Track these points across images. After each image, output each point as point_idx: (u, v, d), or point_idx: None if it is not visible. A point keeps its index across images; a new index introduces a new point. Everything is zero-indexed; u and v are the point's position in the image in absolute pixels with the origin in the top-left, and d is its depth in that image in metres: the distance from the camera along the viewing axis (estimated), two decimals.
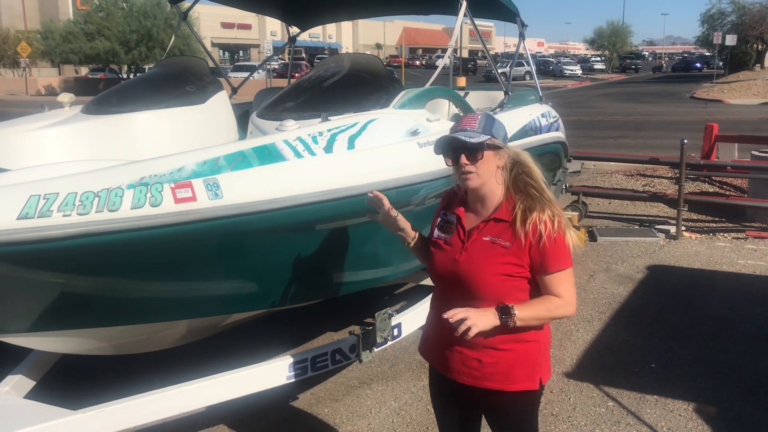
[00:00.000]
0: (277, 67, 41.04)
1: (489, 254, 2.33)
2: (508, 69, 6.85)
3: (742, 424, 4.03)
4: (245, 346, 4.79)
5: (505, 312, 2.27)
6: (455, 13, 4.98)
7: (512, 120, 5.26)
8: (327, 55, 60.27)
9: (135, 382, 3.53)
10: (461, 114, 5.08)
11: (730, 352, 4.96)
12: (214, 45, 68.26)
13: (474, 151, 2.33)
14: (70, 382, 4.10)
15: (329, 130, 3.55)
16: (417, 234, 2.70)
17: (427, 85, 4.57)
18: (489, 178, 2.36)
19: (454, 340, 2.32)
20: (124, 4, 35.99)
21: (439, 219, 2.55)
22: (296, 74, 43.49)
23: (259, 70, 37.28)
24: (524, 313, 2.29)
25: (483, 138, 2.32)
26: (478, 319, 2.21)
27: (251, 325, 4.43)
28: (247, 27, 76.19)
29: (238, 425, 4.03)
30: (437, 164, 3.82)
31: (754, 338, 5.20)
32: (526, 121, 5.50)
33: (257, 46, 71.53)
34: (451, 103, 5.27)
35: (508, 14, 6.22)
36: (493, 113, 5.52)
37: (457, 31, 4.86)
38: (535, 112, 5.79)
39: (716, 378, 4.58)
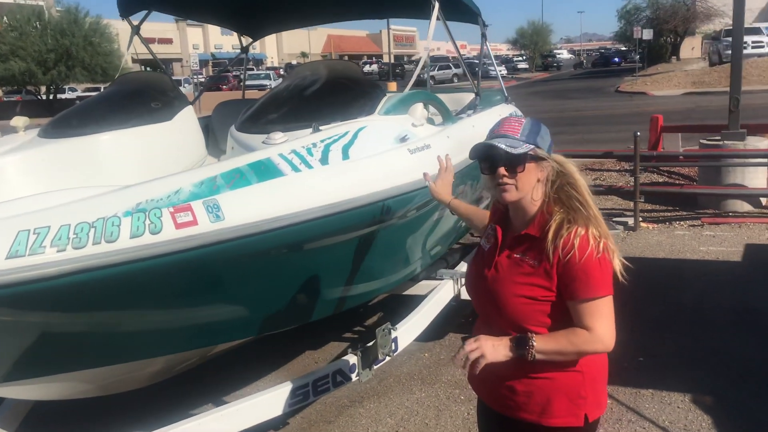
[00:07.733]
0: (203, 80, 40.17)
1: (515, 273, 2.08)
2: (477, 70, 6.76)
3: (740, 410, 4.04)
4: (225, 373, 4.55)
5: (521, 343, 2.01)
6: (421, 16, 4.90)
7: (487, 121, 5.20)
8: (252, 66, 59.28)
9: (123, 422, 3.27)
10: (433, 118, 4.98)
11: (713, 340, 5.00)
12: (134, 61, 66.43)
13: (514, 163, 2.05)
14: (50, 428, 3.79)
15: (322, 141, 3.38)
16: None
17: (407, 90, 4.45)
18: (528, 192, 2.10)
19: (492, 367, 2.02)
20: (38, 23, 34.42)
21: (488, 227, 2.35)
22: (223, 86, 42.60)
23: (185, 84, 36.25)
24: (544, 345, 2.00)
25: (526, 148, 2.05)
26: (489, 350, 1.99)
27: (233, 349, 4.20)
28: (168, 41, 74.38)
29: None
30: (430, 170, 3.70)
31: (733, 325, 5.26)
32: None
33: (180, 60, 69.93)
34: (424, 107, 5.16)
35: (472, 15, 6.17)
36: (466, 115, 5.44)
37: (431, 34, 4.77)
38: (504, 112, 5.75)
39: (705, 367, 4.59)
